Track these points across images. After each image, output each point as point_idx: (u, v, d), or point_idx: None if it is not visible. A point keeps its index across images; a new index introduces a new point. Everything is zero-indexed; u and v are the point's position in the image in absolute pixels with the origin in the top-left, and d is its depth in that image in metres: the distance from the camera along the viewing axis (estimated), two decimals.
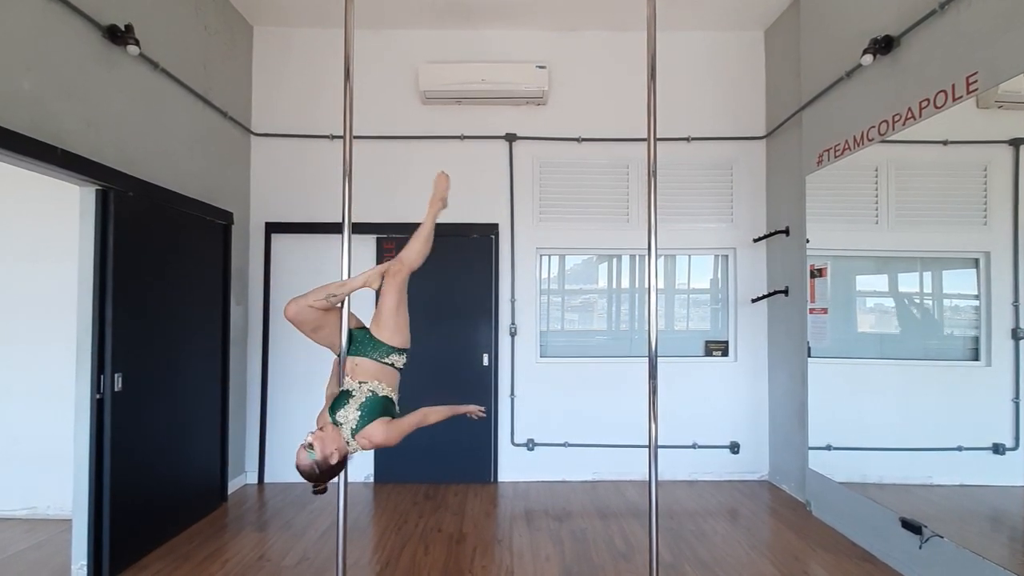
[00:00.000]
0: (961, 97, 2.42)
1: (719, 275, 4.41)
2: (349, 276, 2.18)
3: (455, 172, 4.16)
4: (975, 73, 2.35)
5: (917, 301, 3.09)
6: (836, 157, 3.28)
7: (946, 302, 2.92)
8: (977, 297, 2.60)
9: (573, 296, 4.45)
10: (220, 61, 3.77)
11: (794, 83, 3.83)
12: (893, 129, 2.82)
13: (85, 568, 2.63)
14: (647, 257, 2.33)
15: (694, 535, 3.19)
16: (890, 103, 2.85)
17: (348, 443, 1.85)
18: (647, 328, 2.27)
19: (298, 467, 1.79)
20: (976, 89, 2.34)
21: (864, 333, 3.40)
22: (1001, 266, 2.47)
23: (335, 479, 1.93)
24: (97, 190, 2.65)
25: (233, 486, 3.88)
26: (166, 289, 3.11)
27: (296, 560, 2.86)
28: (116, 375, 2.67)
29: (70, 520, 2.71)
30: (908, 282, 3.17)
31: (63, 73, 2.49)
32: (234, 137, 3.97)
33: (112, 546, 2.65)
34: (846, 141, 3.18)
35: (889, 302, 3.31)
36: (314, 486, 1.82)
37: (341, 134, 4.14)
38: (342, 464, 1.86)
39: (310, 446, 1.77)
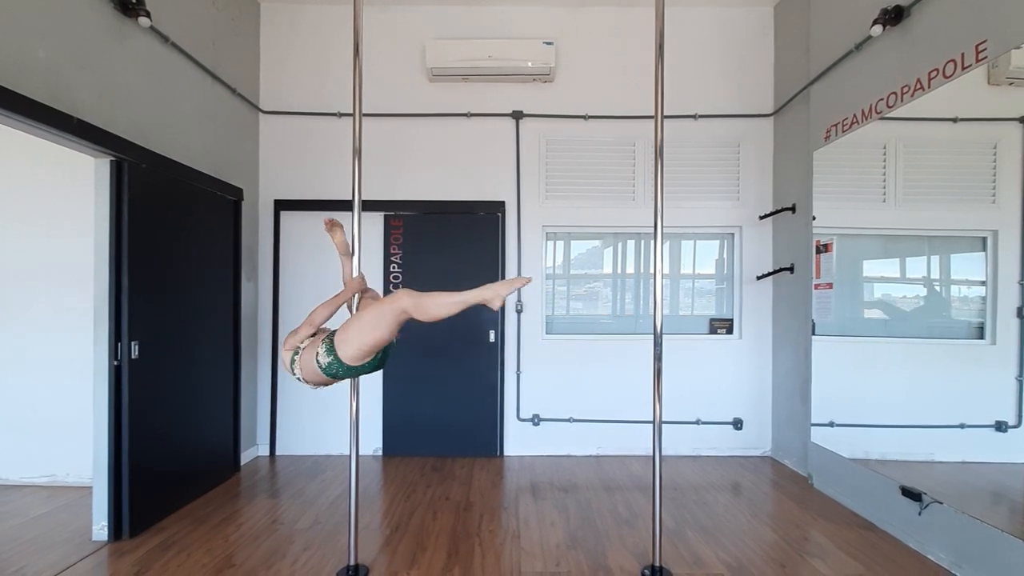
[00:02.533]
0: (970, 66, 2.41)
1: (724, 254, 4.42)
2: (359, 252, 2.40)
3: (462, 149, 4.27)
4: (984, 41, 2.34)
5: (923, 280, 3.09)
6: (844, 132, 3.27)
7: (953, 285, 2.91)
8: (984, 283, 2.60)
9: (578, 283, 4.44)
10: (228, 37, 3.78)
11: (802, 59, 3.81)
12: (902, 101, 2.82)
13: (106, 529, 2.72)
14: (653, 233, 2.36)
15: (696, 505, 3.25)
16: (899, 74, 2.84)
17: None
18: (652, 309, 2.31)
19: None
20: (985, 57, 2.34)
21: (869, 311, 3.41)
22: (1008, 245, 2.46)
23: None
24: (112, 161, 2.70)
25: (245, 457, 3.97)
26: (179, 262, 3.17)
27: (308, 524, 2.95)
28: (132, 343, 2.74)
29: (89, 487, 2.80)
30: (915, 261, 3.16)
31: (77, 43, 2.53)
32: (242, 114, 4.00)
33: (131, 507, 2.74)
34: (854, 115, 3.18)
35: (894, 283, 3.31)
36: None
37: (348, 112, 4.19)
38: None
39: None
